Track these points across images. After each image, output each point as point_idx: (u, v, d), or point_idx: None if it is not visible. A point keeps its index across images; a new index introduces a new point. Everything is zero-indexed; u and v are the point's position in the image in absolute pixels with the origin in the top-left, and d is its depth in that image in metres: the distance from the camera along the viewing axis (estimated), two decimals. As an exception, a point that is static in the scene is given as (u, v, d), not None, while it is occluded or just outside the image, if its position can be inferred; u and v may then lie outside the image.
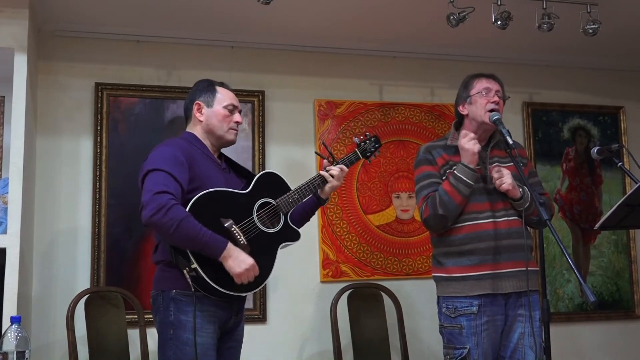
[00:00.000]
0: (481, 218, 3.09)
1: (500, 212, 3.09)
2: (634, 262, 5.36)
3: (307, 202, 3.16)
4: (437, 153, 3.25)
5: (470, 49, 4.99)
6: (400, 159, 4.95)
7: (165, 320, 2.79)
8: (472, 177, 3.07)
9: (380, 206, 4.87)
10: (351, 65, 4.96)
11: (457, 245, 3.13)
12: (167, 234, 2.65)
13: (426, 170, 3.26)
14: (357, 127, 4.90)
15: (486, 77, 3.24)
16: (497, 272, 3.05)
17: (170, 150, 2.83)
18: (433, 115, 5.08)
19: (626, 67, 5.53)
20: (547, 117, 5.33)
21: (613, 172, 5.37)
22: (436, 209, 3.13)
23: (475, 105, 3.20)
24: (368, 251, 4.80)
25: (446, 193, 3.10)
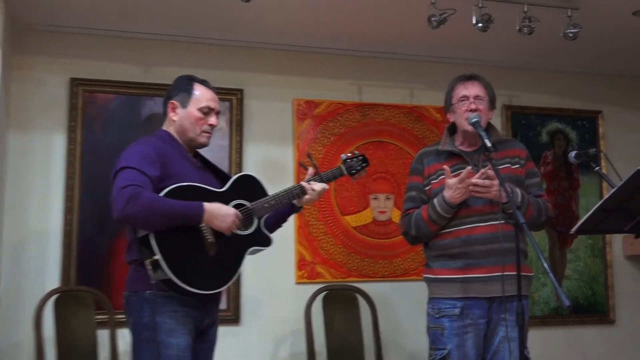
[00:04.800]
0: (469, 223, 3.10)
1: (487, 215, 3.09)
2: (610, 267, 5.40)
3: (281, 208, 3.14)
4: (428, 161, 3.25)
5: (450, 50, 4.99)
6: (378, 160, 4.94)
7: (139, 322, 2.76)
8: (449, 213, 3.09)
9: (358, 207, 4.86)
10: (331, 65, 4.94)
11: (445, 249, 3.14)
12: (143, 220, 2.63)
13: (413, 182, 3.29)
14: (336, 127, 4.88)
15: (465, 81, 3.22)
16: (482, 276, 3.06)
17: (141, 149, 2.80)
18: (412, 117, 5.07)
19: (605, 71, 5.57)
20: (526, 120, 5.36)
21: (590, 176, 5.40)
22: (410, 229, 3.20)
23: (456, 114, 3.21)
24: (344, 252, 4.78)
25: (422, 219, 3.15)
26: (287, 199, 3.06)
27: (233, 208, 2.84)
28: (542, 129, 5.40)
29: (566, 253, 5.33)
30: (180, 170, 2.85)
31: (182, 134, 2.97)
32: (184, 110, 2.95)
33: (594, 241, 5.40)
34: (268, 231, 3.02)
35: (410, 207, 3.25)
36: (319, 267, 4.71)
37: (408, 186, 3.31)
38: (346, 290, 4.62)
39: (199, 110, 2.95)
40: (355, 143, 4.90)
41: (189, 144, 2.98)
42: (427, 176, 3.23)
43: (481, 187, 3.02)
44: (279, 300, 4.62)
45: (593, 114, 5.54)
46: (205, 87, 3.00)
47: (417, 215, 3.17)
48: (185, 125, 2.95)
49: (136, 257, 2.79)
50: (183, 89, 2.98)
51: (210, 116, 2.97)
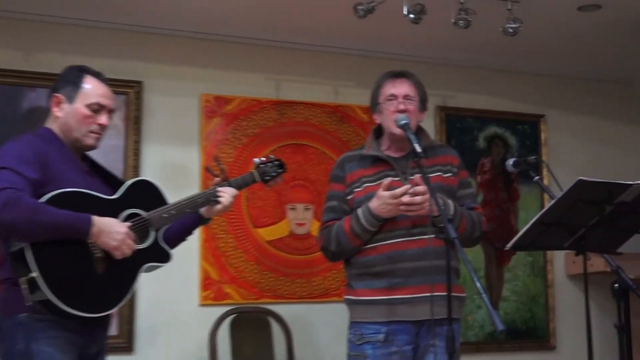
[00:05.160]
0: (395, 237, 3.12)
1: (416, 229, 3.12)
2: (551, 287, 5.53)
3: (186, 219, 3.10)
4: (350, 167, 3.26)
5: (379, 44, 5.03)
6: (297, 165, 4.93)
7: (11, 351, 2.67)
8: (374, 226, 3.11)
9: (273, 219, 4.85)
10: (245, 56, 4.92)
11: (367, 267, 3.14)
12: (21, 230, 2.54)
13: (333, 190, 3.29)
14: (250, 127, 4.86)
15: (393, 79, 3.25)
16: (408, 297, 3.08)
17: (18, 147, 2.71)
18: (336, 117, 5.09)
19: (549, 72, 5.71)
20: (461, 123, 5.45)
21: (531, 187, 5.52)
22: (330, 243, 3.20)
23: (383, 115, 3.24)
24: (256, 270, 4.76)
25: (344, 233, 3.15)
26: (191, 207, 3.02)
27: (125, 226, 2.78)
28: (480, 133, 5.50)
29: (503, 272, 5.44)
30: (63, 174, 2.77)
31: (67, 133, 2.89)
32: (70, 106, 2.88)
33: (534, 259, 5.53)
34: (168, 245, 2.98)
35: (331, 218, 3.25)
36: (226, 286, 4.68)
37: (328, 195, 3.31)
38: (258, 313, 4.59)
39: (88, 107, 2.88)
40: (271, 145, 4.89)
41: (74, 145, 2.91)
42: (349, 184, 3.24)
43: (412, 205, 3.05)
44: (180, 325, 4.56)
45: (535, 118, 5.68)
46: (98, 81, 2.92)
47: (338, 228, 3.17)
48: (70, 124, 2.88)
49: (9, 275, 2.71)
50: (71, 81, 2.90)
51: (100, 114, 2.90)
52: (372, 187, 3.16)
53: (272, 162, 3.32)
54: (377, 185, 3.13)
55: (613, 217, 3.00)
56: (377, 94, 3.27)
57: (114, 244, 2.72)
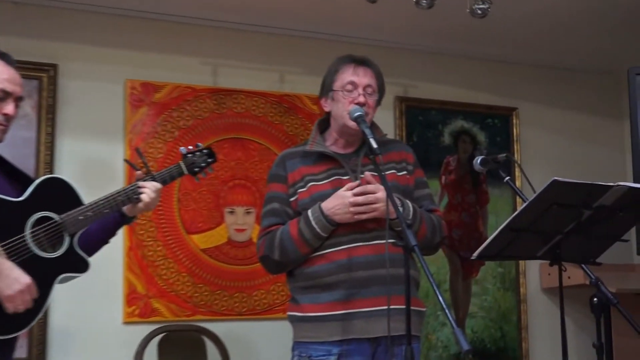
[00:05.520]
0: (347, 242, 3.11)
1: (370, 234, 3.12)
2: (524, 302, 5.58)
3: (105, 220, 3.07)
4: (293, 165, 3.25)
5: (331, 25, 5.03)
6: (236, 163, 4.92)
7: None
8: (327, 231, 3.10)
9: (209, 224, 4.83)
10: (177, 37, 4.89)
11: (315, 278, 3.13)
12: None
13: (274, 191, 3.27)
14: (182, 118, 4.83)
15: (355, 65, 3.24)
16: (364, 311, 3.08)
17: None
18: (282, 108, 5.08)
19: (522, 61, 5.76)
20: (424, 116, 5.46)
21: (502, 188, 5.56)
22: (272, 251, 3.17)
23: (337, 104, 3.22)
24: (190, 283, 4.74)
25: (291, 239, 3.12)
26: (111, 207, 2.99)
27: (30, 278, 2.69)
28: (445, 128, 5.54)
29: (471, 284, 5.48)
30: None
31: None
32: None
33: (504, 270, 5.57)
34: (85, 252, 2.95)
35: (273, 223, 3.22)
36: (155, 301, 4.64)
37: (267, 197, 3.29)
38: (191, 331, 4.56)
39: None
40: (207, 139, 4.86)
41: None
42: (292, 184, 3.22)
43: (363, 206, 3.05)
44: (101, 346, 4.51)
45: (506, 111, 5.73)
46: (4, 64, 2.87)
47: (283, 234, 3.15)
48: None
49: None
50: None
51: (5, 103, 2.85)
52: (319, 187, 3.16)
53: (201, 151, 3.31)
54: (325, 185, 3.13)
55: (592, 223, 3.02)
56: (333, 79, 3.25)
57: (8, 292, 2.65)
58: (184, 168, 3.25)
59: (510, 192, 5.59)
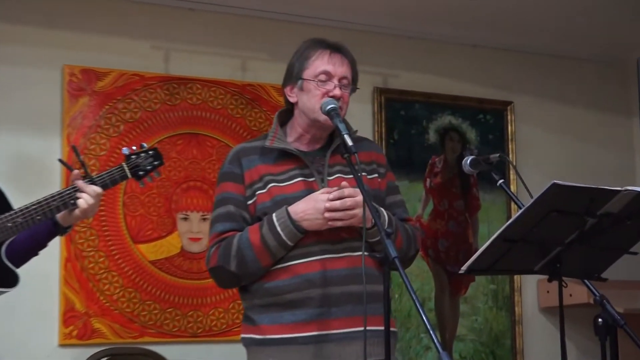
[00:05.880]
0: (314, 254, 3.08)
1: (342, 244, 3.10)
2: (519, 324, 5.60)
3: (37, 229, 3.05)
4: (250, 162, 3.21)
5: (301, 6, 5.03)
6: (191, 162, 4.91)
7: None
8: (294, 239, 3.07)
9: (159, 232, 4.82)
10: (123, 16, 4.88)
11: (277, 295, 3.09)
12: None
13: (227, 192, 3.22)
14: (129, 110, 4.81)
15: (330, 53, 3.22)
16: (333, 333, 3.06)
17: None
18: (244, 100, 5.07)
19: (519, 48, 5.79)
20: (406, 110, 5.47)
21: (495, 193, 5.58)
22: (228, 262, 3.11)
23: (307, 95, 3.18)
24: (137, 299, 4.72)
25: (250, 247, 3.08)
26: (44, 213, 2.97)
27: None
28: (430, 124, 5.55)
29: (459, 303, 5.48)
30: None
31: None
32: None
33: (497, 287, 5.59)
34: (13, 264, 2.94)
35: (228, 228, 3.16)
36: (96, 321, 4.62)
37: (220, 198, 3.24)
38: (138, 355, 4.54)
39: None
40: (157, 135, 4.86)
41: None
42: (249, 184, 3.18)
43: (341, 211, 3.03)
44: (33, 372, 4.49)
45: (500, 105, 5.75)
46: None
47: (242, 241, 3.09)
48: None
49: None
50: None
51: None
52: (282, 190, 3.13)
53: (146, 152, 3.30)
54: (288, 188, 3.11)
55: (596, 233, 3.02)
56: (304, 65, 3.22)
57: None
58: (127, 171, 3.23)
59: (504, 198, 5.61)
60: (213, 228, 3.21)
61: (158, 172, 3.33)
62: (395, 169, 5.18)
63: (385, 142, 5.34)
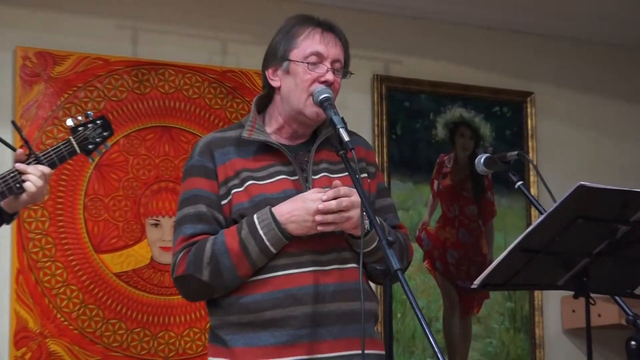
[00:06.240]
0: (297, 266, 3.06)
1: (330, 255, 3.09)
2: (540, 347, 5.60)
3: None
4: (224, 155, 3.18)
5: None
6: (163, 159, 4.92)
7: None
8: (279, 246, 3.05)
9: (125, 240, 4.81)
10: (85, -9, 4.88)
11: (255, 312, 3.06)
12: None
13: (196, 188, 3.17)
14: (92, 100, 4.80)
15: (321, 32, 3.20)
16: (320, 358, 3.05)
17: None
18: (224, 88, 5.08)
19: (540, 31, 5.80)
20: (411, 102, 5.47)
21: (512, 197, 5.59)
22: (200, 271, 3.06)
23: (294, 80, 3.16)
24: (99, 318, 4.70)
25: (227, 254, 3.04)
26: None
27: None
28: (438, 117, 5.56)
29: (471, 323, 5.48)
30: None
31: None
32: None
33: (515, 305, 5.59)
34: None
35: (198, 231, 3.12)
36: (52, 342, 4.61)
37: (188, 195, 3.18)
38: (99, 383, 4.56)
39: None
40: (123, 128, 4.86)
41: None
42: (223, 181, 3.15)
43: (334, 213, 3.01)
44: (-21, 401, 4.49)
45: (519, 96, 5.76)
46: None
47: (217, 246, 3.05)
48: None
49: None
50: None
51: None
52: (260, 188, 3.10)
53: (93, 122, 3.30)
54: (269, 187, 3.08)
55: (629, 242, 3.01)
56: (290, 45, 3.19)
57: None
58: (76, 146, 3.24)
59: (523, 202, 5.61)
60: (179, 230, 3.16)
61: (107, 144, 3.34)
62: (398, 169, 5.32)
63: (387, 138, 5.35)
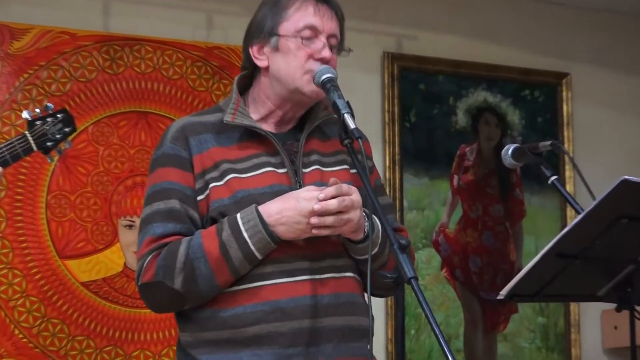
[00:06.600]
0: (285, 274, 3.05)
1: (324, 262, 3.08)
2: (577, 369, 5.62)
3: None
4: (201, 143, 3.17)
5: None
6: (138, 150, 4.93)
7: None
8: (266, 251, 3.03)
9: (94, 243, 4.82)
10: (48, -45, 4.88)
11: (232, 328, 3.05)
12: None
13: (167, 180, 3.15)
14: (56, 80, 4.82)
15: (316, 2, 3.21)
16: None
17: None
18: (210, 67, 5.09)
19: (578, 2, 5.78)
20: (427, 84, 5.47)
21: (545, 194, 5.59)
22: (171, 278, 3.04)
23: (285, 58, 3.17)
24: (63, 334, 4.71)
25: (205, 260, 3.03)
26: None
27: None
28: (458, 102, 5.56)
29: (496, 341, 5.48)
30: None
31: None
32: None
33: (548, 320, 5.59)
34: None
35: (170, 231, 3.10)
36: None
37: (158, 188, 3.16)
38: (64, 409, 4.56)
39: None
40: (92, 114, 4.88)
41: None
42: (200, 173, 3.14)
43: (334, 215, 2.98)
44: None
45: (553, 77, 5.77)
46: None
47: (192, 250, 3.04)
48: None
49: None
50: None
51: None
52: (243, 183, 3.09)
53: (53, 115, 3.33)
54: (252, 181, 3.07)
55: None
56: (280, 17, 3.19)
57: None
58: (32, 142, 3.26)
59: (557, 200, 5.62)
60: (147, 230, 3.14)
61: (70, 142, 3.37)
62: (411, 162, 5.34)
63: (399, 126, 5.35)
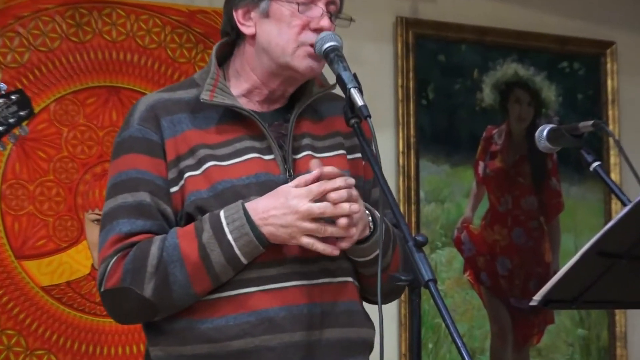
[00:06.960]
0: (274, 280, 3.07)
1: (317, 265, 3.11)
2: (622, 388, 5.61)
3: None
4: (174, 125, 3.17)
5: None
6: (108, 132, 4.94)
7: None
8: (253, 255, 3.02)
9: (56, 241, 4.84)
10: None
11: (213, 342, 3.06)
12: None
13: (134, 169, 3.15)
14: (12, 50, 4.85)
15: None
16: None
17: None
18: (192, 35, 5.12)
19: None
20: (448, 54, 5.47)
21: (586, 184, 5.60)
22: (140, 283, 3.03)
23: (277, 25, 3.18)
24: (20, 347, 4.74)
25: (182, 264, 3.03)
26: None
27: None
28: (485, 76, 5.54)
29: (528, 357, 5.47)
30: None
31: None
32: None
33: (589, 331, 5.58)
34: None
35: (138, 229, 3.10)
36: (-41, 379, 4.64)
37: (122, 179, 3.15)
38: None
39: None
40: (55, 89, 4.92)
41: None
42: (173, 160, 3.14)
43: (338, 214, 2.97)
44: None
45: (595, 47, 5.76)
46: None
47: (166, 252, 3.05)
48: None
49: None
50: None
51: None
52: (224, 172, 3.08)
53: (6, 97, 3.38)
54: (233, 169, 3.06)
55: None
56: None
57: None
58: None
59: (600, 191, 5.64)
60: (111, 227, 3.13)
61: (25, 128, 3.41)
62: (429, 146, 5.34)
63: (414, 104, 5.36)
